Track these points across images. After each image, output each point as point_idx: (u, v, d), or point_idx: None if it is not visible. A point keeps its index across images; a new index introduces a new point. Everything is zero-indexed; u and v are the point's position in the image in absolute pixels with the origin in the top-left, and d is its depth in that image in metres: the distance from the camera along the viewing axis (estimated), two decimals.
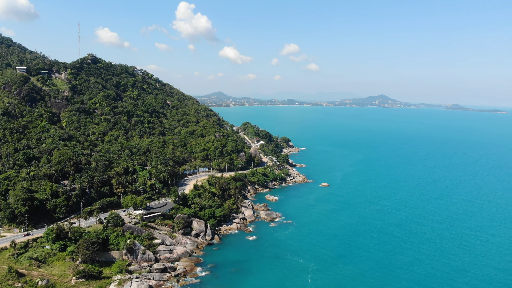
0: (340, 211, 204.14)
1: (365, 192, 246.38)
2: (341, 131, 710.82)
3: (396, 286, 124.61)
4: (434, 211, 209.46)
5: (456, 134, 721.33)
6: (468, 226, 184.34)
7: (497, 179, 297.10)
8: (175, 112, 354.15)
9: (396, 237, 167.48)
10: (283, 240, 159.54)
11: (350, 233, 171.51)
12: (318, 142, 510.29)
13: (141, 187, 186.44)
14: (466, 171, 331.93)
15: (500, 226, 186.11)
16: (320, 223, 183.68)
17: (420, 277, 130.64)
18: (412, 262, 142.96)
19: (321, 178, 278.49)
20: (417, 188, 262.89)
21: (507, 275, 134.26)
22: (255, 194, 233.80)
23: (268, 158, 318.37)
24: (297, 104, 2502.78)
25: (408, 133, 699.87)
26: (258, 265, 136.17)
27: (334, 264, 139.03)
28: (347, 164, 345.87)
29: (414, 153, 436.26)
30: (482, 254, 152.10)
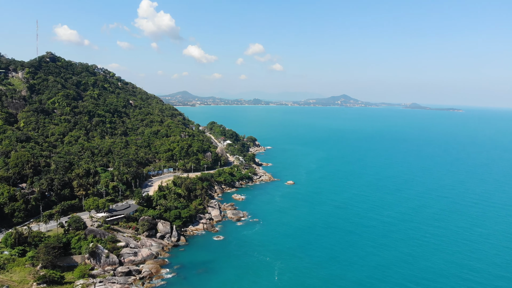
0: (306, 208, 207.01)
1: (329, 188, 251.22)
2: (305, 130, 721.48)
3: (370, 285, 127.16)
4: (391, 205, 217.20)
5: (414, 131, 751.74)
6: (420, 220, 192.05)
7: (450, 174, 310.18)
8: (138, 112, 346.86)
9: (358, 232, 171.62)
10: (250, 239, 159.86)
11: (316, 229, 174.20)
12: (283, 141, 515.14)
13: (103, 189, 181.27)
14: (421, 166, 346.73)
15: (450, 218, 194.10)
16: (287, 220, 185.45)
17: (378, 266, 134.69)
18: (373, 254, 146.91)
19: (287, 176, 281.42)
20: (376, 183, 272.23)
21: (455, 266, 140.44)
22: (222, 194, 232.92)
23: (235, 158, 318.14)
24: (263, 103, 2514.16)
25: (369, 131, 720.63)
26: (225, 264, 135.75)
27: (301, 261, 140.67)
28: (312, 162, 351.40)
29: (374, 150, 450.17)
30: (430, 245, 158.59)
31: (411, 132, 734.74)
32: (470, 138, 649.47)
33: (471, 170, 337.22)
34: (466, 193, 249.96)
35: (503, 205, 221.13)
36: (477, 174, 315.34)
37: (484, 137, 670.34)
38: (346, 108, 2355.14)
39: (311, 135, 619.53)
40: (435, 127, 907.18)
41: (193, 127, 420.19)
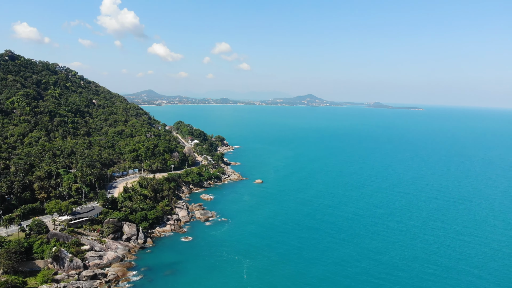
0: (274, 206, 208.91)
1: (296, 186, 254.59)
2: (273, 129, 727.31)
3: (335, 277, 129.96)
4: (354, 201, 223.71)
5: (376, 130, 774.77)
6: (381, 215, 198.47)
7: (410, 170, 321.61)
8: (102, 111, 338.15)
9: (323, 228, 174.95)
10: (218, 239, 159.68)
11: (284, 227, 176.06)
12: (252, 140, 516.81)
13: (66, 192, 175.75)
14: (382, 163, 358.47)
15: (410, 213, 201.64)
16: (255, 219, 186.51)
17: (341, 260, 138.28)
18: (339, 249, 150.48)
19: (255, 175, 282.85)
20: (340, 180, 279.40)
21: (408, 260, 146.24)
22: (189, 194, 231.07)
23: (203, 157, 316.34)
24: (230, 103, 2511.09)
25: (334, 130, 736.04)
26: (193, 265, 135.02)
27: (269, 258, 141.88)
28: (279, 160, 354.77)
29: (339, 148, 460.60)
30: (390, 240, 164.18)
31: (374, 130, 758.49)
32: (429, 135, 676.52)
33: (430, 166, 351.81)
34: (426, 188, 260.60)
35: (462, 200, 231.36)
36: (437, 170, 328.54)
37: (443, 134, 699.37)
38: (312, 107, 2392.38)
39: (279, 134, 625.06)
40: (397, 125, 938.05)
41: (159, 126, 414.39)
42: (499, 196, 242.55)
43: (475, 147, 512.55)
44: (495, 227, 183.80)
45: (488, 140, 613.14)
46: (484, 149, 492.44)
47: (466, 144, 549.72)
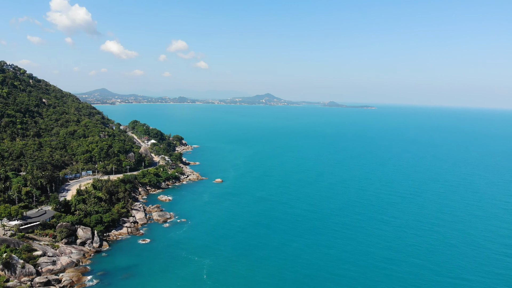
0: (234, 205, 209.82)
1: (255, 184, 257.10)
2: (232, 128, 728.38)
3: (289, 273, 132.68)
4: (306, 197, 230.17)
5: (330, 128, 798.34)
6: (329, 211, 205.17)
7: (361, 166, 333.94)
8: (53, 111, 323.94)
9: (279, 224, 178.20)
10: (177, 240, 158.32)
11: (243, 226, 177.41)
12: (211, 139, 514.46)
13: (15, 195, 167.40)
14: (335, 159, 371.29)
15: (358, 208, 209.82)
16: (215, 219, 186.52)
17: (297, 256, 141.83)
18: (304, 248, 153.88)
19: (215, 174, 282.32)
20: (295, 177, 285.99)
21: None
22: (146, 195, 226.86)
23: (160, 158, 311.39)
24: (189, 101, 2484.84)
25: (291, 128, 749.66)
26: (152, 267, 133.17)
27: (229, 258, 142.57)
28: (240, 159, 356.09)
29: (295, 146, 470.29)
30: (337, 234, 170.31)
31: (328, 129, 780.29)
32: (380, 132, 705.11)
33: (381, 161, 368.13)
34: (376, 183, 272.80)
35: (410, 194, 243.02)
36: (387, 166, 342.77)
37: (393, 131, 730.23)
38: (270, 106, 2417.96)
39: (238, 132, 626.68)
40: (350, 123, 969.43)
41: (113, 126, 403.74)
42: (446, 190, 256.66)
43: (424, 143, 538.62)
44: (443, 220, 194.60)
45: (436, 137, 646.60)
46: (432, 145, 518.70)
47: (415, 140, 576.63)
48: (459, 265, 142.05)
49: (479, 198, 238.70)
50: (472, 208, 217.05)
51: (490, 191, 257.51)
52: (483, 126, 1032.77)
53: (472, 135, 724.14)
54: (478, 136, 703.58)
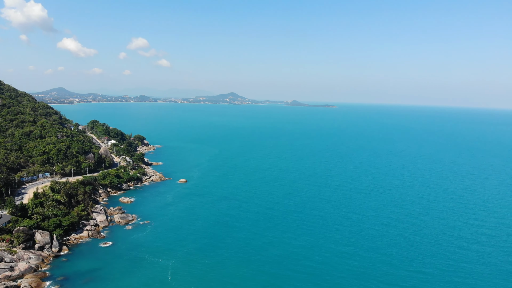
0: (198, 205, 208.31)
1: (220, 184, 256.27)
2: (196, 127, 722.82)
3: (251, 271, 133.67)
4: (266, 194, 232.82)
5: (293, 126, 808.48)
6: (287, 207, 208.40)
7: (319, 163, 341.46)
8: (7, 111, 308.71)
9: (250, 224, 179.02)
10: (140, 242, 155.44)
11: (208, 225, 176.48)
12: (174, 138, 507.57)
13: None
14: (296, 156, 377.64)
15: (315, 204, 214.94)
16: (179, 219, 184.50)
17: (272, 256, 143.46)
18: (266, 245, 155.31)
19: (179, 174, 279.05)
20: (256, 174, 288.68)
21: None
22: (107, 197, 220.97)
23: (121, 158, 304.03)
24: (150, 100, 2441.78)
25: (255, 127, 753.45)
26: (114, 271, 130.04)
27: (194, 258, 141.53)
28: (204, 159, 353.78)
29: (258, 144, 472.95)
30: (296, 231, 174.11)
31: (290, 127, 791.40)
32: (339, 130, 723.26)
33: (341, 158, 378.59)
34: (336, 179, 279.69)
35: (369, 189, 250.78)
36: (347, 162, 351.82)
37: (353, 129, 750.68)
38: (234, 105, 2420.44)
39: (202, 132, 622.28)
40: (311, 121, 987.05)
41: (71, 126, 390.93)
42: (403, 185, 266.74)
43: (381, 140, 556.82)
44: (399, 214, 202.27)
45: (394, 134, 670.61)
46: (389, 142, 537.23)
47: (374, 137, 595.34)
48: (415, 258, 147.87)
49: (433, 192, 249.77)
50: (427, 202, 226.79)
51: (443, 185, 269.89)
52: (443, 124, 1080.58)
53: (432, 132, 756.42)
54: (436, 133, 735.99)
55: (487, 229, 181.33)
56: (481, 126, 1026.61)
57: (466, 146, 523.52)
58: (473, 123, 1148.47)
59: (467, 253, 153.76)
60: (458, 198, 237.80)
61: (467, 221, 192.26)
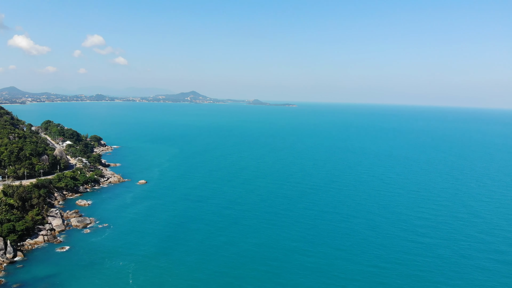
0: (158, 206, 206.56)
1: (180, 184, 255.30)
2: (156, 126, 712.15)
3: (212, 270, 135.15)
4: (224, 193, 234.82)
5: (254, 125, 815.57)
6: (245, 205, 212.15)
7: (279, 161, 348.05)
8: None
9: (209, 224, 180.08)
10: (99, 246, 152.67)
11: (169, 226, 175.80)
12: (132, 138, 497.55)
13: None
14: (255, 155, 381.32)
15: (274, 201, 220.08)
16: (139, 221, 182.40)
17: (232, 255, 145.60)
18: (228, 243, 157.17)
19: (138, 175, 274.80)
20: (215, 174, 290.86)
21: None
22: (63, 201, 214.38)
23: (77, 160, 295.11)
24: (107, 99, 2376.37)
25: (217, 127, 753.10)
26: (72, 276, 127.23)
27: (155, 260, 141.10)
28: (164, 159, 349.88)
29: (220, 144, 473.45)
30: (251, 229, 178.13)
31: (251, 126, 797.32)
32: (298, 129, 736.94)
33: (298, 155, 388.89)
34: (294, 176, 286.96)
35: (324, 185, 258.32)
36: (305, 159, 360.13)
37: (311, 127, 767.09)
38: (195, 104, 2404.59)
39: (162, 131, 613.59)
40: (272, 120, 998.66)
41: (24, 127, 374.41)
42: (357, 181, 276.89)
43: (338, 138, 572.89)
44: (353, 209, 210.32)
45: (350, 132, 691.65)
46: (345, 139, 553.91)
47: (331, 135, 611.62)
48: (370, 252, 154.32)
49: (386, 187, 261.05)
50: (379, 196, 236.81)
51: (397, 181, 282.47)
52: (409, 122, 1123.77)
53: (390, 130, 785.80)
54: (396, 131, 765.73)
55: (435, 222, 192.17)
56: (450, 124, 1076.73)
57: (418, 142, 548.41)
58: (447, 122, 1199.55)
59: (418, 245, 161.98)
60: (410, 193, 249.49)
61: (419, 215, 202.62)
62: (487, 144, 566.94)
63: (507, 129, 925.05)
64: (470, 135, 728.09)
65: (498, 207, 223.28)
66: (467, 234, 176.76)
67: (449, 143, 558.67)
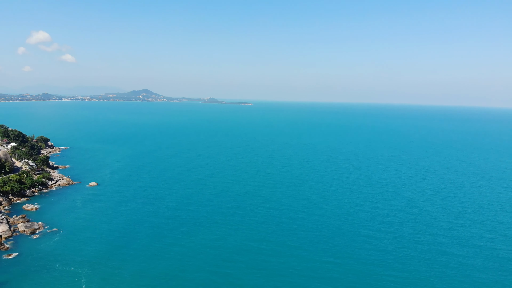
0: (110, 209, 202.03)
1: (133, 186, 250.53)
2: (106, 126, 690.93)
3: (159, 273, 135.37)
4: (173, 193, 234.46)
5: (209, 124, 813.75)
6: (194, 204, 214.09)
7: (231, 158, 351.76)
8: None
9: (163, 225, 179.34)
10: (49, 251, 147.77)
11: (121, 229, 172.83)
12: (82, 139, 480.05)
13: None
14: (206, 154, 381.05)
15: (219, 199, 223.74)
16: (90, 225, 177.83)
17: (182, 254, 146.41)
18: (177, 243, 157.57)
19: (89, 177, 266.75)
20: (173, 173, 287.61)
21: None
22: (9, 205, 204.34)
23: (23, 162, 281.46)
24: (54, 99, 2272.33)
25: (172, 125, 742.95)
26: (22, 284, 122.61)
27: (108, 264, 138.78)
28: (115, 159, 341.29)
29: (175, 143, 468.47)
30: (200, 228, 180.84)
31: (206, 124, 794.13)
32: (251, 127, 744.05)
33: (251, 152, 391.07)
34: (245, 174, 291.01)
35: (274, 181, 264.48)
36: (257, 155, 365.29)
37: (265, 125, 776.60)
38: (148, 102, 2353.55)
39: (113, 131, 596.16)
40: (227, 118, 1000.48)
41: None
42: (303, 177, 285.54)
43: (291, 135, 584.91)
44: (300, 204, 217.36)
45: (302, 130, 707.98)
46: (297, 136, 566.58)
47: (284, 132, 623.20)
48: (324, 248, 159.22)
49: (331, 182, 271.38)
50: (329, 192, 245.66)
51: (340, 176, 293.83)
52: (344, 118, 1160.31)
53: (342, 127, 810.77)
54: (350, 128, 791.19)
55: (384, 217, 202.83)
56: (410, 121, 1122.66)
57: (368, 138, 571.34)
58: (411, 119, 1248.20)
59: (370, 240, 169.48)
60: (355, 187, 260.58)
61: (367, 210, 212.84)
62: (435, 140, 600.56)
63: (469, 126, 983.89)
64: (420, 131, 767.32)
65: (442, 199, 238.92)
66: (413, 227, 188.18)
67: (390, 139, 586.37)
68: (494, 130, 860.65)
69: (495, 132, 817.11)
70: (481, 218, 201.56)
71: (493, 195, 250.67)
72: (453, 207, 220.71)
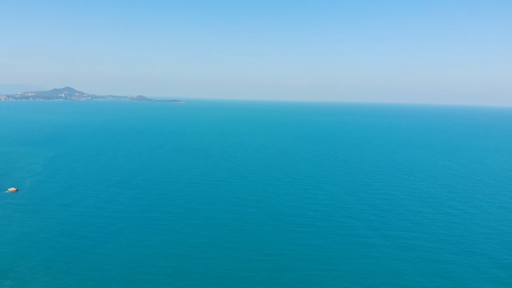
0: (34, 216, 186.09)
1: (58, 191, 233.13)
2: (24, 126, 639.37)
3: (101, 280, 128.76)
4: (118, 196, 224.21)
5: (139, 123, 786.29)
6: (144, 205, 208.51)
7: (175, 160, 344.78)
8: None
9: (91, 232, 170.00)
10: None
11: (46, 237, 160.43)
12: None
13: None
14: (148, 156, 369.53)
15: (170, 200, 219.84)
16: (11, 234, 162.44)
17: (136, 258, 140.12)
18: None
19: (7, 183, 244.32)
20: (105, 177, 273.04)
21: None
22: None
23: None
24: None
25: (98, 125, 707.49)
26: None
27: (33, 274, 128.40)
28: (37, 163, 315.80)
29: (103, 144, 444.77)
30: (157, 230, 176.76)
31: (137, 124, 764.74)
32: (183, 125, 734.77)
33: (180, 150, 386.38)
34: (187, 174, 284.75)
35: (217, 180, 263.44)
36: (197, 156, 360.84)
37: (197, 123, 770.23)
38: (71, 101, 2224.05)
39: (33, 133, 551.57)
40: (160, 118, 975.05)
41: None
42: (250, 173, 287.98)
43: (227, 133, 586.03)
44: (246, 200, 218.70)
45: (234, 127, 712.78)
46: (238, 135, 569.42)
47: (219, 130, 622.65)
48: (267, 242, 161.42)
49: (276, 178, 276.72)
50: (270, 187, 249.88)
51: (286, 171, 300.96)
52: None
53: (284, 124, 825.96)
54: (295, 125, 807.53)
55: (321, 206, 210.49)
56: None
57: (302, 135, 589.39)
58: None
59: (311, 230, 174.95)
60: (294, 181, 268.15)
61: (305, 201, 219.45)
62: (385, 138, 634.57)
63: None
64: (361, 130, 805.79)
65: (368, 193, 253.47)
66: (339, 221, 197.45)
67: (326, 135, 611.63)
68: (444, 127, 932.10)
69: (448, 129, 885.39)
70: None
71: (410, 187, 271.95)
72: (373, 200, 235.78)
